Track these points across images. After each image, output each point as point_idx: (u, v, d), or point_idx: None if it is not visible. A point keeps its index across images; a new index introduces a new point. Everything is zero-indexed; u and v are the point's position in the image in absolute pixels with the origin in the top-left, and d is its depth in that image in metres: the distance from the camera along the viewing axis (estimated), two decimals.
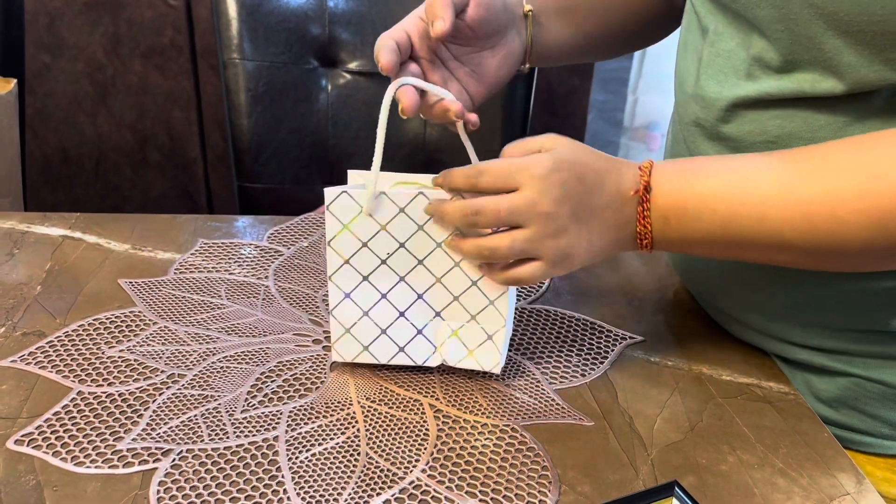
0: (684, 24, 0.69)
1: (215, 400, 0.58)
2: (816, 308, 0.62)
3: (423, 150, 1.25)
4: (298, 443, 0.55)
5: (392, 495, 0.51)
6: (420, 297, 0.60)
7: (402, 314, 0.60)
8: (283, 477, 0.51)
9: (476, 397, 0.60)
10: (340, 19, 1.22)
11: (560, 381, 0.63)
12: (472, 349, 0.60)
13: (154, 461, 0.52)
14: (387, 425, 0.57)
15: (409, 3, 1.22)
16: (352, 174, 0.61)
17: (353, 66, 1.23)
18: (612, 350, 0.67)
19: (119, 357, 0.62)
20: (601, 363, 0.65)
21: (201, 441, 0.54)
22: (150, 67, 1.76)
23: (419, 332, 0.61)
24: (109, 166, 1.86)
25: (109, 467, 0.51)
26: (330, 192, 0.57)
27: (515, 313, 0.71)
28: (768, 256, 0.56)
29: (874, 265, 0.55)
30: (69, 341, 0.63)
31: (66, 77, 1.75)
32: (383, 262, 0.59)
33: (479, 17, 0.61)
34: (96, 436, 0.54)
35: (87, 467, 0.51)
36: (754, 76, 0.58)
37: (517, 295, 0.74)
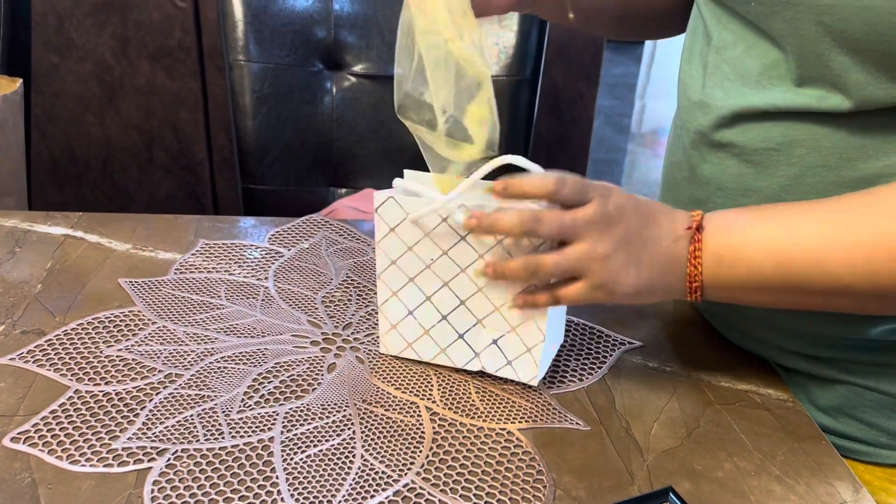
0: (689, 31, 0.69)
1: (212, 400, 0.58)
2: (815, 317, 0.61)
3: None
4: (294, 444, 0.55)
5: (386, 497, 0.50)
6: (462, 303, 0.60)
7: (444, 317, 0.61)
8: (277, 478, 0.51)
9: (473, 400, 0.60)
10: (346, 22, 1.22)
11: (557, 386, 0.63)
12: (510, 359, 0.61)
13: (149, 460, 0.52)
14: (382, 427, 0.57)
15: None
16: (408, 174, 0.62)
17: (358, 68, 1.23)
18: (611, 355, 0.67)
19: (117, 356, 0.62)
20: (599, 368, 0.65)
21: (197, 441, 0.54)
22: (157, 68, 1.77)
23: (460, 336, 0.61)
24: (116, 167, 1.86)
25: (104, 466, 0.51)
26: (378, 196, 0.59)
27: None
28: (827, 302, 0.55)
29: None
30: (68, 340, 0.63)
31: (74, 77, 1.76)
32: (427, 266, 0.60)
33: None
34: (92, 434, 0.54)
35: (83, 465, 0.51)
36: (765, 86, 0.57)
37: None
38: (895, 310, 0.55)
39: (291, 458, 0.53)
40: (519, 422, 0.58)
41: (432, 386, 0.62)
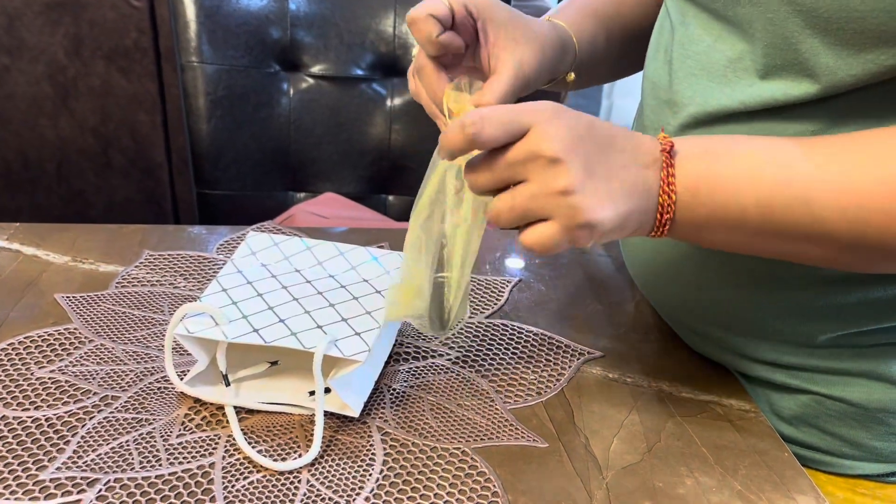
0: (655, 30, 0.67)
1: (150, 424, 0.55)
2: (775, 319, 0.60)
3: (388, 156, 1.22)
4: (236, 469, 0.52)
5: None
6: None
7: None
8: None
9: (426, 418, 0.58)
10: (302, 22, 1.19)
11: (514, 400, 0.60)
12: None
13: (78, 492, 0.49)
14: (331, 450, 0.54)
15: (373, 5, 1.19)
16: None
17: (315, 69, 1.20)
18: (570, 366, 0.65)
19: (49, 378, 0.58)
20: (558, 380, 0.63)
21: (132, 469, 0.51)
22: (112, 69, 1.72)
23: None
24: (72, 171, 1.81)
25: (30, 499, 0.48)
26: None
27: (471, 327, 0.69)
28: (801, 248, 0.50)
29: None
30: None
31: (25, 79, 1.71)
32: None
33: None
34: (18, 465, 0.50)
35: (7, 499, 0.48)
36: (730, 79, 0.56)
37: (473, 310, 0.71)
38: (864, 265, 0.51)
39: (233, 486, 0.50)
40: (474, 440, 0.56)
41: (385, 404, 0.59)
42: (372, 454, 0.54)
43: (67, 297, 0.68)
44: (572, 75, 0.65)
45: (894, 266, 0.51)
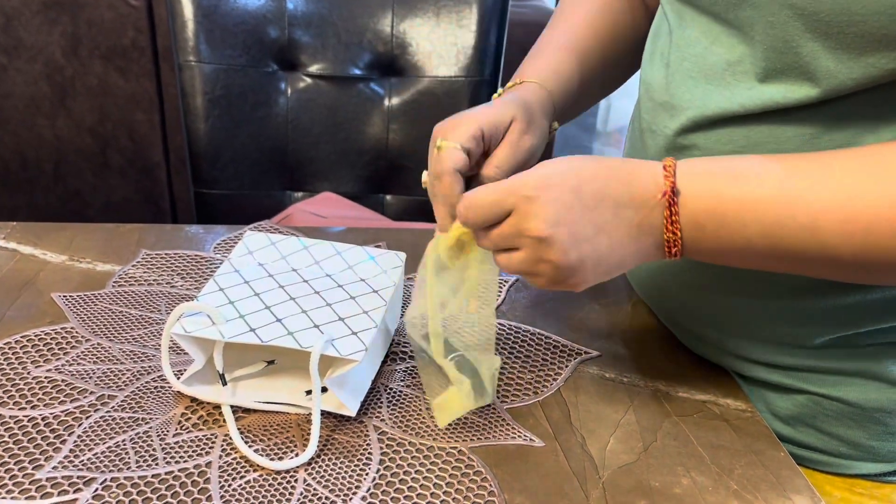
0: (651, 33, 0.67)
1: (146, 423, 0.55)
2: (772, 322, 0.60)
3: (385, 156, 1.22)
4: (233, 469, 0.52)
5: None
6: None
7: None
8: None
9: (423, 417, 0.58)
10: (300, 21, 1.19)
11: (511, 400, 0.60)
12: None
13: (75, 491, 0.49)
14: (328, 449, 0.54)
15: (371, 4, 1.19)
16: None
17: (313, 69, 1.20)
18: (567, 366, 0.65)
19: (45, 377, 0.58)
20: (555, 380, 0.63)
21: (128, 468, 0.51)
22: (110, 69, 1.72)
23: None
24: (69, 170, 1.81)
25: (26, 498, 0.48)
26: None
27: None
28: (813, 270, 0.51)
29: None
30: None
31: (23, 78, 1.71)
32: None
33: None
34: (14, 464, 0.50)
35: (3, 498, 0.48)
36: (729, 83, 0.56)
37: None
38: (875, 280, 0.52)
39: (229, 485, 0.50)
40: (471, 440, 0.56)
41: (382, 403, 0.59)
42: (368, 453, 0.54)
43: (64, 296, 0.68)
44: (556, 124, 0.67)
45: None
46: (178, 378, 0.57)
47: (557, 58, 0.68)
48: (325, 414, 0.57)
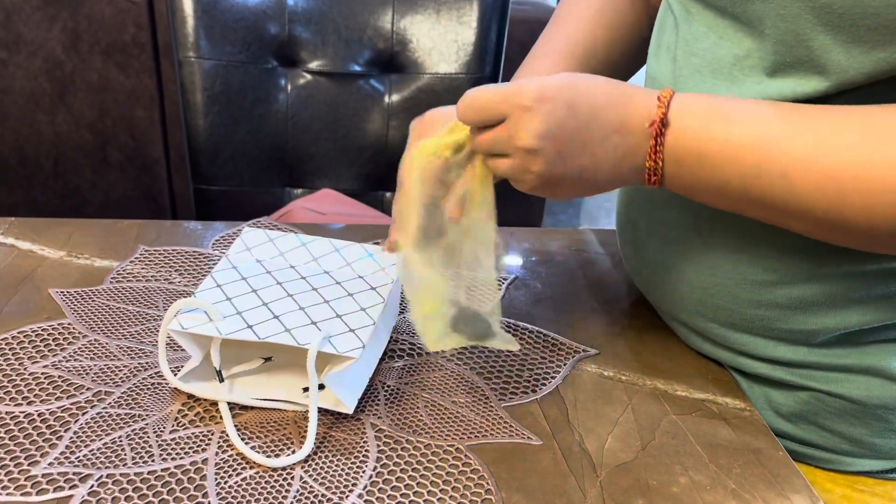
0: (657, 27, 0.66)
1: (143, 419, 0.55)
2: (775, 318, 0.60)
3: (385, 153, 1.22)
4: (229, 465, 0.52)
5: None
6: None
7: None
8: (209, 503, 0.48)
9: (420, 415, 0.58)
10: (300, 18, 1.18)
11: (509, 398, 0.60)
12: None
13: (70, 487, 0.49)
14: (324, 447, 0.54)
15: (371, 1, 1.19)
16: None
17: (313, 65, 1.20)
18: (565, 364, 0.65)
19: (42, 373, 0.58)
20: (552, 378, 0.63)
21: (124, 465, 0.51)
22: (110, 65, 1.72)
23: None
24: (69, 167, 1.80)
25: (21, 494, 0.48)
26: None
27: None
28: (784, 221, 0.52)
29: None
30: None
31: (23, 74, 1.70)
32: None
33: None
34: (10, 460, 0.50)
35: None
36: (737, 77, 0.55)
37: None
38: (850, 242, 0.52)
39: (226, 482, 0.50)
40: (468, 438, 0.56)
41: (379, 401, 0.59)
42: (366, 451, 0.54)
43: (62, 291, 0.68)
44: None
45: (881, 247, 0.51)
46: (175, 374, 0.57)
47: (557, 60, 0.68)
48: (322, 411, 0.57)
